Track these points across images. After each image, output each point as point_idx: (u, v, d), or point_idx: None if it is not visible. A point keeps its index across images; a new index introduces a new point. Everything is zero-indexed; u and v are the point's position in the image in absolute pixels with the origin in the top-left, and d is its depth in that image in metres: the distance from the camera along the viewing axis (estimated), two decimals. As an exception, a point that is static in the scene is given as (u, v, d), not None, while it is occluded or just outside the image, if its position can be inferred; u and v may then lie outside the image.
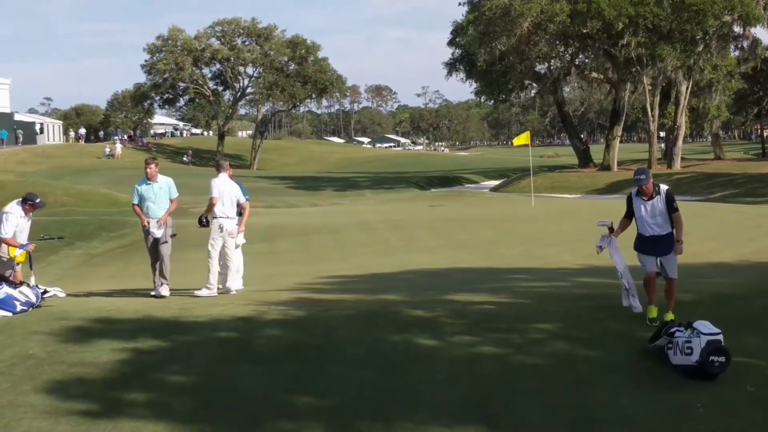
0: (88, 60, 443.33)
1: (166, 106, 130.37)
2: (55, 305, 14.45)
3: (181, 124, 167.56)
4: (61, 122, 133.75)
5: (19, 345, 11.85)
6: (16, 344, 11.91)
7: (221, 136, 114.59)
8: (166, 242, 16.08)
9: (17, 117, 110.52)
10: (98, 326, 12.84)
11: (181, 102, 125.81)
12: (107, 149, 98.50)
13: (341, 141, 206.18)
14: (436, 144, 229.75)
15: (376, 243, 27.85)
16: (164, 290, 15.83)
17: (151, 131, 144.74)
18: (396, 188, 68.70)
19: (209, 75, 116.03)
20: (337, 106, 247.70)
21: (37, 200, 15.94)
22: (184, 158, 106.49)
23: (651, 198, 12.38)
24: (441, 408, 9.62)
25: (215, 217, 16.03)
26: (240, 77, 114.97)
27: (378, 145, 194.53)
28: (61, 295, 15.48)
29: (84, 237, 31.91)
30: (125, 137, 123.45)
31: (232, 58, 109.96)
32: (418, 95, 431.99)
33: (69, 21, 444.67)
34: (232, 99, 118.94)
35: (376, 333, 12.18)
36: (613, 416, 9.50)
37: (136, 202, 16.35)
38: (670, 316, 11.91)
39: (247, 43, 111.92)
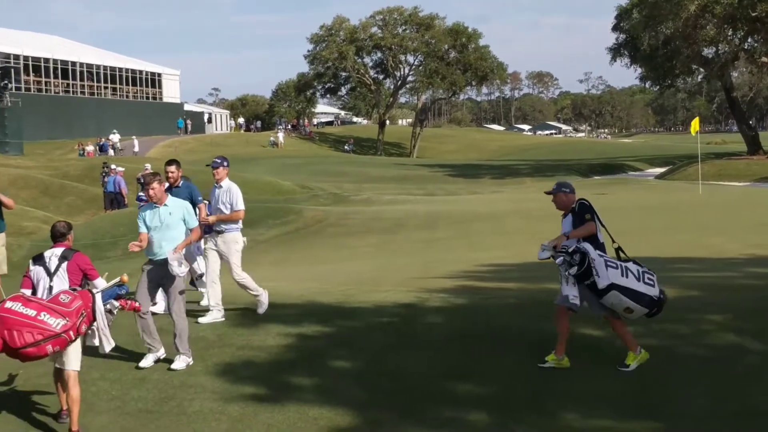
0: (253, 51, 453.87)
1: (328, 95, 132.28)
2: (226, 290, 14.82)
3: (342, 113, 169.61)
4: (228, 112, 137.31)
5: (190, 328, 12.23)
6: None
7: (382, 125, 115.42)
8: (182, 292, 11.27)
9: (186, 107, 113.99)
10: (265, 310, 13.15)
11: (343, 91, 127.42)
12: (271, 138, 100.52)
13: (501, 128, 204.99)
14: (599, 131, 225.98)
15: (537, 231, 27.49)
16: (177, 362, 10.90)
17: (314, 120, 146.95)
18: (557, 176, 67.66)
19: (370, 64, 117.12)
20: (497, 93, 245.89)
21: None
22: (346, 147, 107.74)
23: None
24: (603, 398, 9.47)
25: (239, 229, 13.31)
26: (401, 66, 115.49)
27: (539, 132, 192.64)
28: None
29: (250, 224, 32.49)
30: (289, 126, 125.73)
31: (393, 47, 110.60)
32: (581, 81, 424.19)
33: (236, 13, 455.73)
34: (392, 87, 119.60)
35: (538, 322, 12.08)
36: (781, 410, 9.18)
37: (143, 231, 11.21)
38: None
39: (408, 31, 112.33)
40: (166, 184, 12.23)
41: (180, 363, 10.72)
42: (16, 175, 45.36)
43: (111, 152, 70.89)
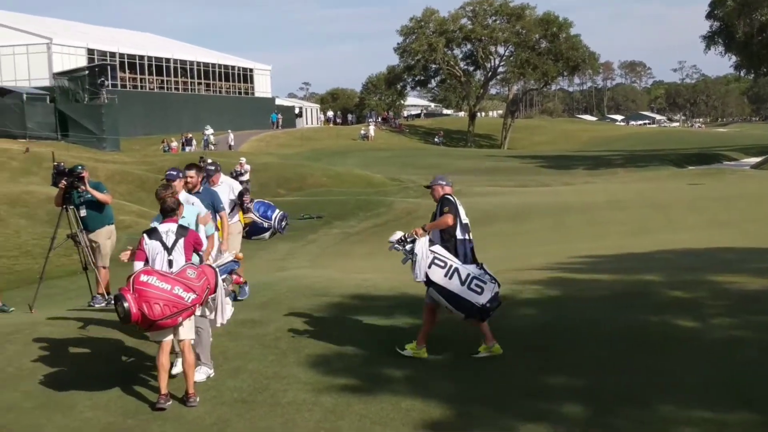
0: (343, 45, 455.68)
1: (418, 88, 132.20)
2: (319, 282, 14.95)
3: (432, 105, 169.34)
4: (318, 106, 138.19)
5: (283, 320, 12.38)
6: (280, 319, 12.45)
7: (472, 117, 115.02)
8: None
9: (278, 102, 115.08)
10: (356, 302, 13.24)
11: (433, 83, 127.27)
12: (362, 131, 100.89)
13: (593, 119, 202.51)
14: (693, 120, 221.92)
15: (631, 222, 27.23)
16: (198, 373, 10.18)
17: (404, 113, 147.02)
18: (650, 166, 66.82)
19: (460, 55, 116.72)
20: (589, 83, 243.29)
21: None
22: (436, 139, 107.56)
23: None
24: (699, 391, 9.33)
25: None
26: (491, 57, 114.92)
27: (632, 122, 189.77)
28: None
29: (341, 216, 32.89)
30: (379, 119, 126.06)
31: (484, 38, 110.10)
32: (674, 70, 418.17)
33: (324, 7, 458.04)
34: (483, 79, 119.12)
35: (632, 313, 11.96)
36: None
37: None
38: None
39: (498, 22, 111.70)
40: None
41: (200, 374, 10.16)
42: (114, 170, 46.31)
43: (193, 147, 71.58)
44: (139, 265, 9.46)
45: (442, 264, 10.39)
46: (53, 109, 64.00)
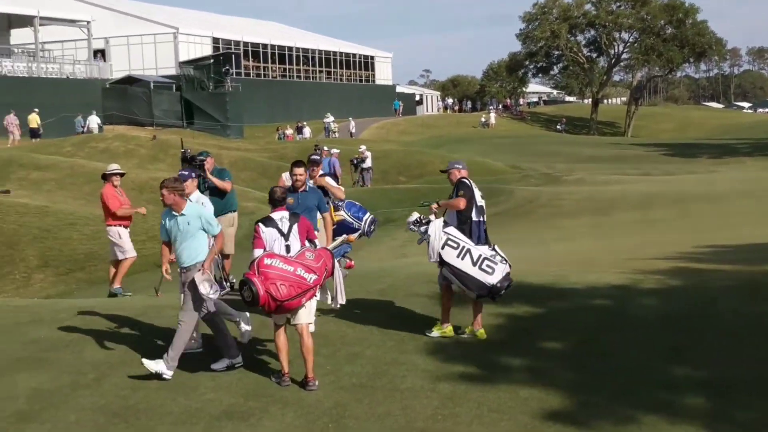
0: (464, 31, 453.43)
1: (540, 75, 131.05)
2: (438, 270, 14.95)
3: (554, 92, 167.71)
4: (438, 93, 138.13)
5: (401, 306, 12.43)
6: (399, 305, 12.52)
7: (595, 104, 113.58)
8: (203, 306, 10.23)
9: (398, 89, 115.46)
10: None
11: (555, 70, 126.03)
12: (483, 118, 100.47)
13: (720, 106, 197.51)
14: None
15: (758, 212, 26.50)
16: (157, 365, 9.96)
17: (522, 100, 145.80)
18: (779, 155, 64.95)
19: (583, 42, 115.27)
20: (715, 70, 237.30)
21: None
22: (558, 126, 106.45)
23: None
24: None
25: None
26: (615, 43, 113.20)
27: (760, 109, 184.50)
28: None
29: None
30: (500, 106, 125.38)
31: (608, 24, 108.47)
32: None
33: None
34: (606, 65, 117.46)
35: (759, 305, 11.67)
36: None
37: (164, 239, 10.57)
38: None
39: (623, 8, 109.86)
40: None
41: (155, 365, 9.87)
42: (237, 157, 47.11)
43: (305, 134, 72.07)
44: (258, 252, 9.70)
45: (455, 245, 10.81)
46: (179, 98, 65.56)
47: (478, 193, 11.17)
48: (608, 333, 11.06)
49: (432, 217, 11.14)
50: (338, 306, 10.71)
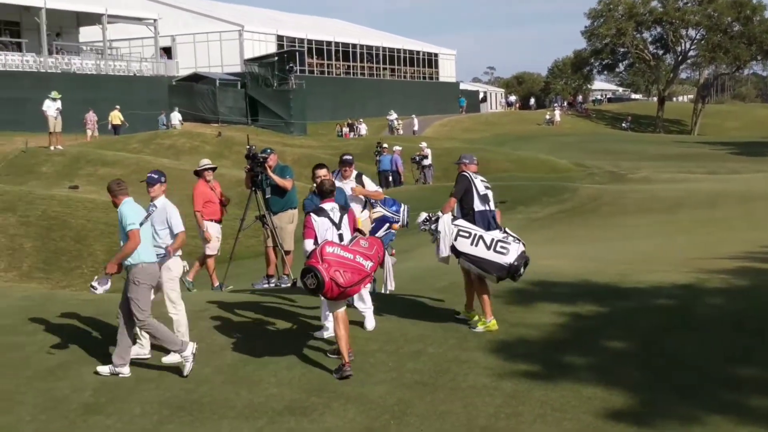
0: (530, 28, 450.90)
1: (605, 72, 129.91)
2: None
3: (620, 89, 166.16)
4: (503, 90, 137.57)
5: (463, 305, 12.39)
6: (460, 303, 12.42)
7: (661, 101, 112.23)
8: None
9: (462, 86, 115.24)
10: (538, 289, 13.13)
11: (620, 67, 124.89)
12: (547, 116, 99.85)
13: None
14: None
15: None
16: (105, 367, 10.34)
17: (589, 97, 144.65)
18: None
19: (649, 39, 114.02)
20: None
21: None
22: (623, 124, 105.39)
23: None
24: None
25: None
26: (682, 40, 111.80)
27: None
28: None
29: (524, 201, 32.61)
30: (565, 104, 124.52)
31: (675, 21, 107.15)
32: None
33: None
34: (672, 63, 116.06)
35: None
36: None
37: (137, 226, 10.31)
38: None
39: (690, 4, 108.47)
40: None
41: (106, 368, 10.26)
42: (300, 154, 47.34)
43: (360, 132, 72.07)
44: (309, 242, 10.06)
45: (467, 234, 11.17)
46: (244, 95, 66.02)
47: (480, 184, 11.58)
48: (673, 332, 10.95)
49: (440, 213, 11.43)
50: (388, 291, 11.55)
